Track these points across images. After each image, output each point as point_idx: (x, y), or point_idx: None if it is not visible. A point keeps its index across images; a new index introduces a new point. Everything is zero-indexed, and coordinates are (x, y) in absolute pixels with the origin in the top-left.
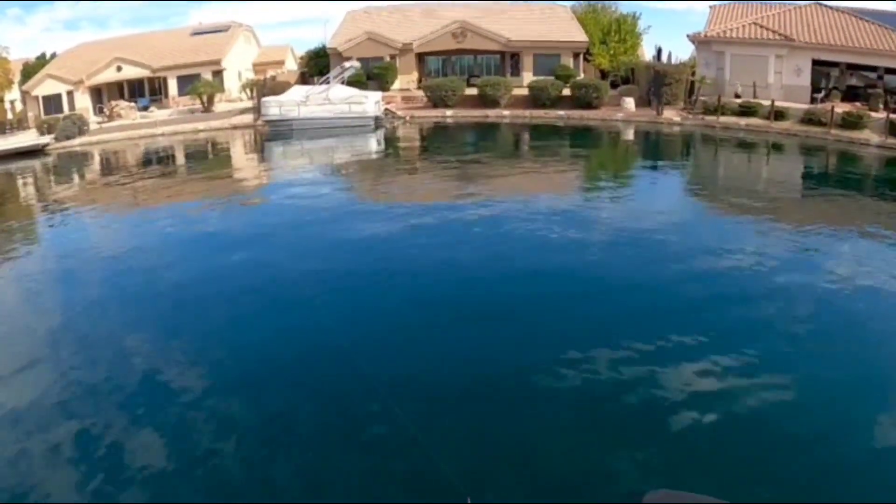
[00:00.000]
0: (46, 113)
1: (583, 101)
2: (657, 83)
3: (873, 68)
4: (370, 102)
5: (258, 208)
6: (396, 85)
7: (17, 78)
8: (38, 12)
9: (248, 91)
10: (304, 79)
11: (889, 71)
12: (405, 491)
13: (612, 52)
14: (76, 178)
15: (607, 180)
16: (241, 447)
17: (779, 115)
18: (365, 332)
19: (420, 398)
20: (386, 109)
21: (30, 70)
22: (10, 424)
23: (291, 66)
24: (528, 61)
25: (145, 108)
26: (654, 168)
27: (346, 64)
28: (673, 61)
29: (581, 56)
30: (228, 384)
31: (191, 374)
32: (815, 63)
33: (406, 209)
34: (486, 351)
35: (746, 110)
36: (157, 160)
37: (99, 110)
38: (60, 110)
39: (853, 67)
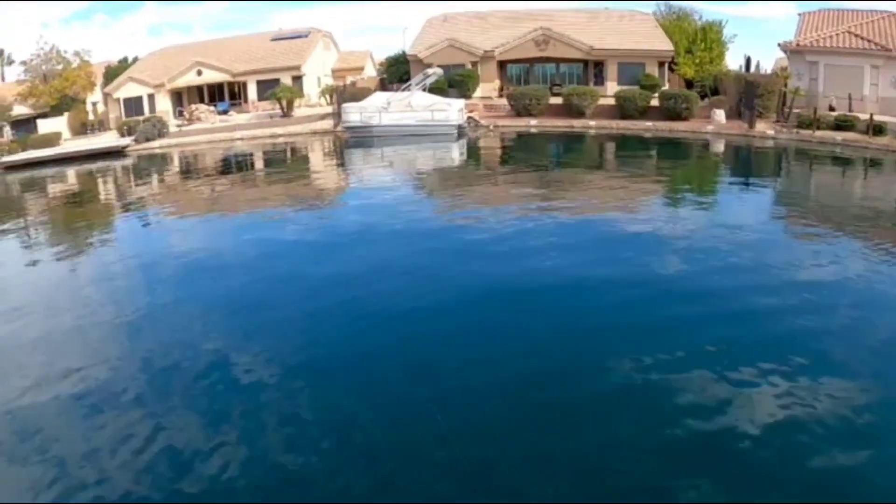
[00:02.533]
0: (127, 115)
1: (671, 112)
2: (749, 94)
3: None
4: (453, 110)
5: (337, 214)
6: (478, 93)
7: (98, 81)
8: (123, 18)
9: (327, 96)
10: (384, 85)
11: None
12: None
13: (697, 61)
14: (155, 179)
15: (698, 196)
16: (306, 445)
17: (877, 129)
18: (438, 340)
19: (490, 406)
20: (469, 118)
21: (112, 73)
22: (84, 414)
23: (371, 72)
24: (612, 70)
25: (225, 112)
26: (748, 184)
27: (430, 71)
28: (759, 71)
29: (666, 65)
30: (299, 383)
31: (261, 372)
32: None
33: (495, 220)
34: (561, 362)
35: (843, 124)
36: (235, 164)
37: (179, 113)
38: (141, 113)
39: None
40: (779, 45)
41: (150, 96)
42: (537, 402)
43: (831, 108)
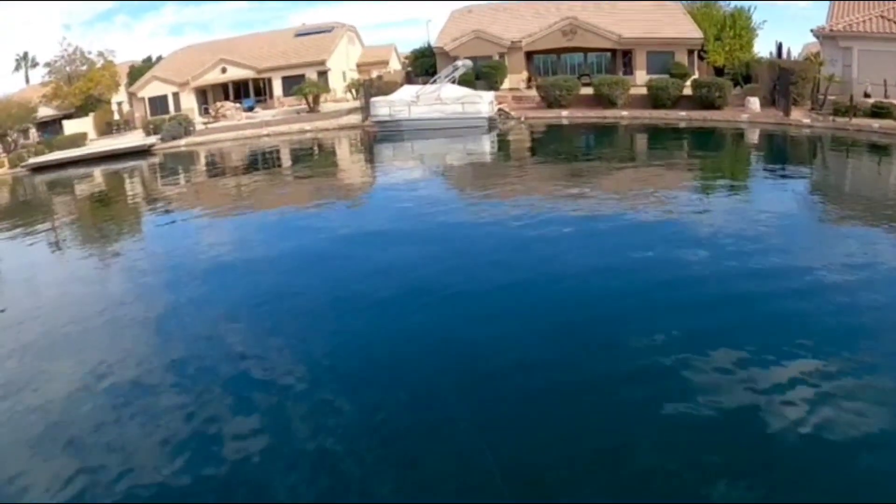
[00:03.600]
0: (152, 114)
1: (704, 101)
2: (784, 82)
3: None
4: (484, 102)
5: (368, 209)
6: (505, 84)
7: (123, 80)
8: (144, 19)
9: (353, 91)
10: (410, 78)
11: None
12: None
13: (727, 48)
14: (182, 178)
15: (738, 187)
16: (335, 442)
17: None
18: (468, 338)
19: (522, 401)
20: (499, 110)
21: (136, 73)
22: (112, 407)
23: (395, 65)
24: (640, 59)
25: (250, 109)
26: (786, 174)
27: (459, 63)
28: (790, 58)
29: (695, 53)
30: (326, 378)
31: (288, 367)
32: None
33: (529, 214)
34: (590, 355)
35: (879, 111)
36: (262, 161)
37: (204, 111)
38: (166, 111)
39: None
40: (811, 30)
41: (175, 95)
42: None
43: (866, 95)
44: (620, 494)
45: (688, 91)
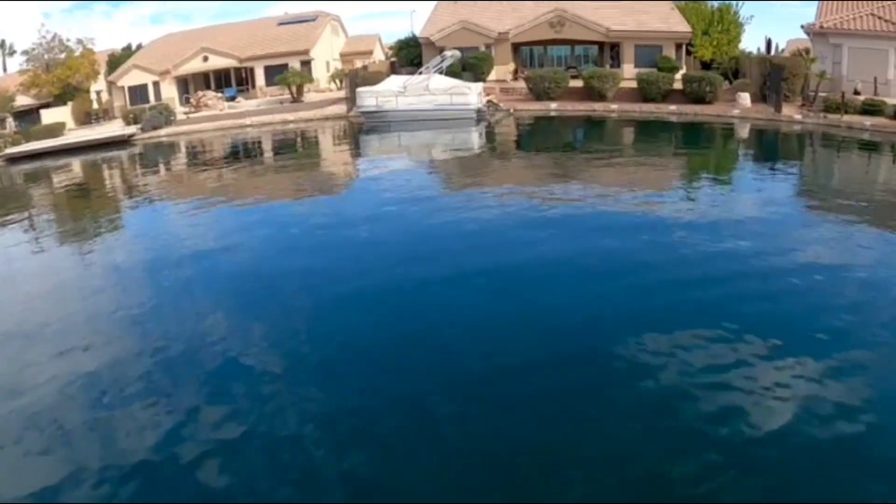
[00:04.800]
0: (132, 103)
1: (695, 95)
2: (775, 78)
3: None
4: (473, 94)
5: (353, 202)
6: (492, 76)
7: (102, 69)
8: (124, 8)
9: (337, 81)
10: (395, 69)
11: None
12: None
13: (715, 43)
14: (162, 168)
15: (729, 183)
16: (316, 434)
17: None
18: (448, 328)
19: (501, 396)
20: (488, 101)
21: (116, 61)
22: (92, 404)
23: (380, 56)
24: (628, 52)
25: (232, 99)
26: (777, 170)
27: (447, 53)
28: (779, 53)
29: (684, 48)
30: (309, 368)
31: (271, 357)
32: None
33: (518, 208)
34: (577, 349)
35: (871, 109)
36: (245, 151)
37: (185, 101)
38: (147, 101)
39: None
40: (802, 27)
41: (156, 84)
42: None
43: (856, 92)
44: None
45: (678, 85)
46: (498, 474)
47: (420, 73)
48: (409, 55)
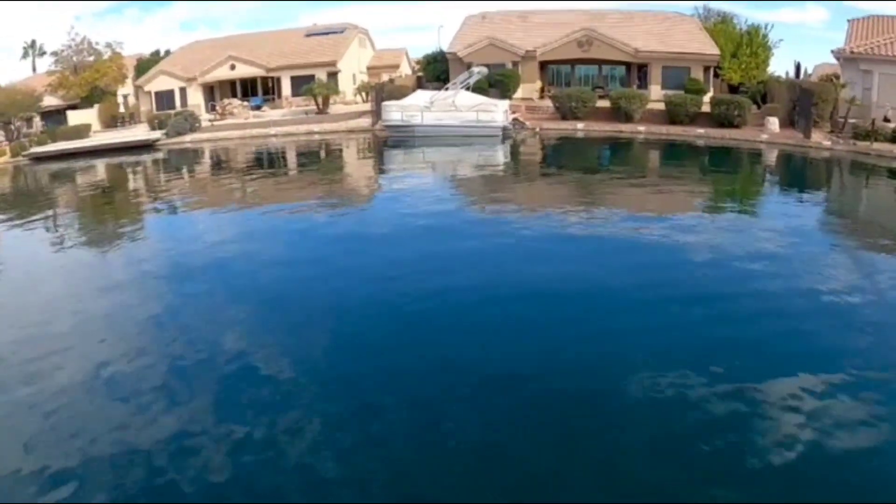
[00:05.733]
0: (158, 108)
1: (723, 118)
2: (804, 103)
3: None
4: (499, 111)
5: (374, 217)
6: (518, 93)
7: (130, 73)
8: (155, 13)
9: (363, 94)
10: (421, 83)
11: None
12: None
13: (743, 66)
14: (185, 174)
15: (756, 210)
16: (328, 441)
17: None
18: (460, 342)
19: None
20: (514, 119)
21: (144, 66)
22: (112, 402)
23: (406, 70)
24: (655, 73)
25: (258, 108)
26: (805, 198)
27: (475, 69)
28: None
29: (711, 70)
30: (324, 379)
31: (285, 366)
32: None
33: (538, 230)
34: (584, 366)
35: None
36: (268, 161)
37: (211, 108)
38: (172, 106)
39: None
40: (832, 51)
41: (182, 90)
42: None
43: (886, 119)
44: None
45: (706, 108)
46: None
47: (447, 88)
48: (436, 70)
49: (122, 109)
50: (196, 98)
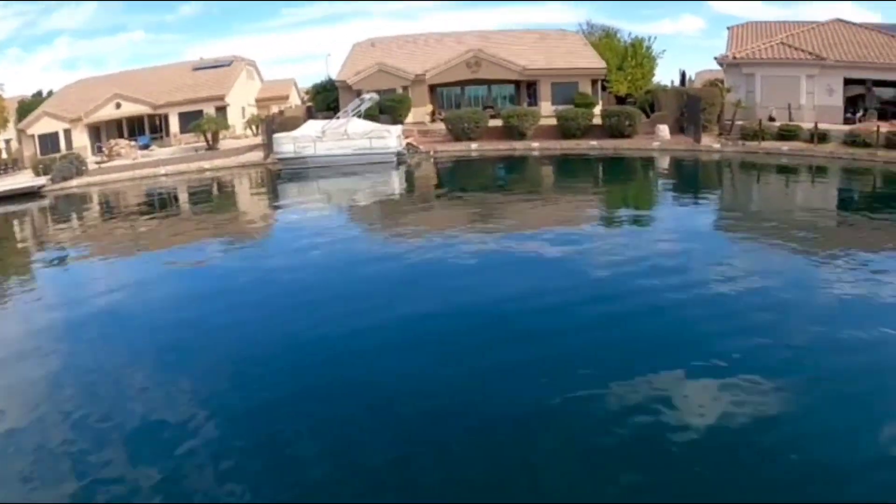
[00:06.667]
0: (43, 152)
1: (614, 129)
2: (693, 109)
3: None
4: (392, 137)
5: (272, 253)
6: (410, 118)
7: (12, 116)
8: (37, 52)
9: (253, 127)
10: (311, 113)
11: None
12: None
13: (629, 77)
14: (74, 221)
15: (651, 214)
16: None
17: (822, 137)
18: (377, 370)
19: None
20: (408, 144)
21: (26, 108)
22: (11, 461)
23: (296, 100)
24: (545, 90)
25: (146, 147)
26: (698, 199)
27: (366, 96)
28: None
29: (599, 83)
30: (232, 419)
31: (192, 411)
32: (846, 82)
33: (442, 251)
34: (505, 379)
35: (787, 134)
36: (159, 202)
37: (98, 149)
38: (57, 149)
39: (878, 84)
40: (715, 58)
41: (67, 132)
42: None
43: (771, 119)
44: None
45: (597, 120)
46: None
47: (338, 117)
48: (326, 99)
49: (4, 156)
50: (82, 140)
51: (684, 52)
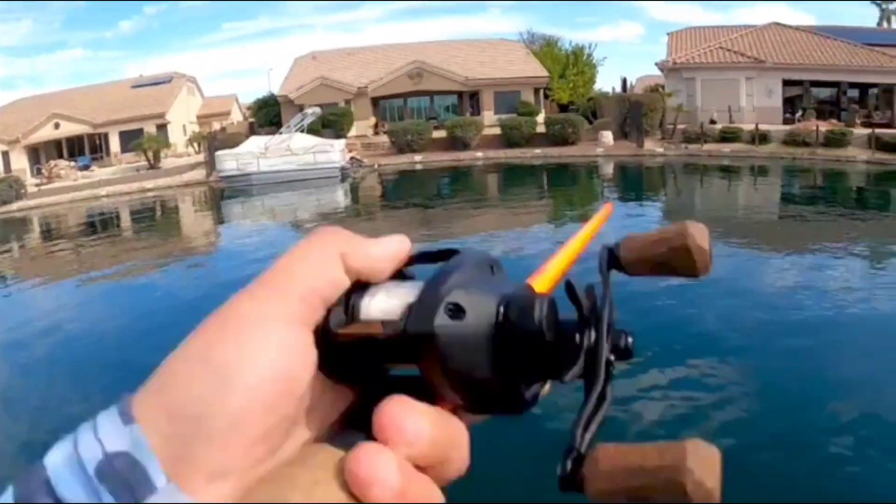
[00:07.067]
0: None
1: (558, 137)
2: (635, 114)
3: (835, 84)
4: (336, 151)
5: (215, 273)
6: (352, 131)
7: None
8: None
9: (195, 145)
10: (253, 129)
11: (852, 86)
12: None
13: (571, 85)
14: (14, 247)
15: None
16: None
17: (763, 138)
18: None
19: None
20: (352, 158)
21: None
22: None
23: (238, 116)
24: (487, 99)
25: (86, 168)
26: (642, 202)
27: (308, 111)
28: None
29: (542, 92)
30: None
31: None
32: (784, 83)
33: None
34: None
35: (728, 136)
36: (101, 224)
37: (37, 171)
38: None
39: (815, 85)
40: (656, 63)
41: (5, 154)
42: None
43: (713, 122)
44: None
45: (541, 129)
46: None
47: (281, 132)
48: (269, 115)
49: None
50: (21, 162)
51: (624, 59)
